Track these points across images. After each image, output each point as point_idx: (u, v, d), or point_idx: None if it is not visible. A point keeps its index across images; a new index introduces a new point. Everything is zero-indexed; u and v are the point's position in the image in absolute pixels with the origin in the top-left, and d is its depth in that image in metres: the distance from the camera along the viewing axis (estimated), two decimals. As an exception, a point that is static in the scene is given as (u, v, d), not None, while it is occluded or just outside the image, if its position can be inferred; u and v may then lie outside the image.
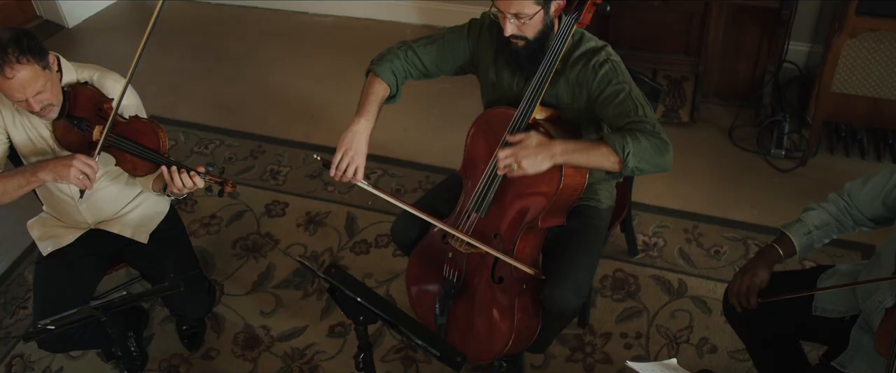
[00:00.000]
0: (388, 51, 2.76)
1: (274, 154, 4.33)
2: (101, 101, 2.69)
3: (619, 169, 2.40)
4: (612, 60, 2.50)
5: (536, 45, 2.49)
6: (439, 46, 2.74)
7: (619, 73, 2.48)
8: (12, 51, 2.44)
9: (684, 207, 3.76)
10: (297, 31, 5.44)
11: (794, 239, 2.41)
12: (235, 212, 3.97)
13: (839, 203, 2.42)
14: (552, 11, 2.45)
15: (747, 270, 2.42)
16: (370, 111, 2.64)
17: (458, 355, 2.13)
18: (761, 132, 4.07)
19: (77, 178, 2.64)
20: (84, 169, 2.64)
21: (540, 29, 2.46)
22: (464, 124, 2.81)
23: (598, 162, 2.40)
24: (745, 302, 2.40)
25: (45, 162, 2.69)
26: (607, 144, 2.38)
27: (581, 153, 2.40)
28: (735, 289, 2.42)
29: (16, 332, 3.54)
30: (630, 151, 2.35)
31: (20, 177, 2.70)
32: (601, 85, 2.47)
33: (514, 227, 2.59)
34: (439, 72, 2.79)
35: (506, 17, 2.43)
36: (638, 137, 2.37)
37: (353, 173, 2.58)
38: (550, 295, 2.58)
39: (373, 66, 2.74)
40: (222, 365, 3.30)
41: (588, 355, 3.17)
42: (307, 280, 3.59)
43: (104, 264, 3.08)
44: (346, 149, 2.57)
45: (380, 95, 2.70)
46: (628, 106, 2.44)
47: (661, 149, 2.39)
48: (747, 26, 4.00)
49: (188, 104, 4.81)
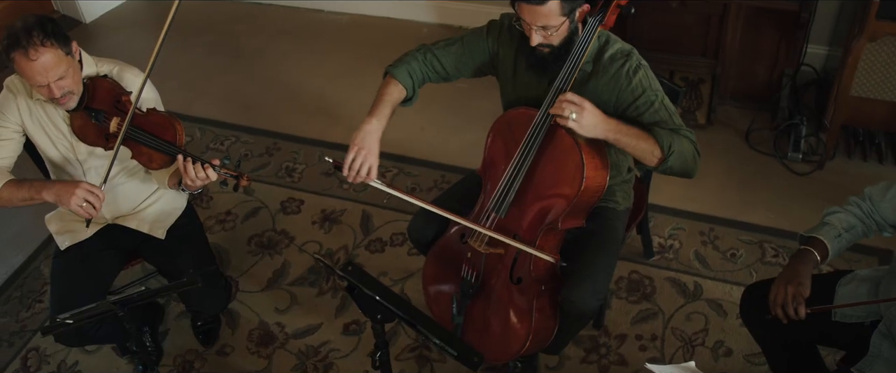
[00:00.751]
0: (406, 54, 2.77)
1: (289, 151, 4.34)
2: (120, 93, 2.70)
3: (656, 164, 2.45)
4: (643, 66, 2.51)
5: (562, 50, 2.49)
6: (459, 48, 2.74)
7: (651, 80, 2.51)
8: (37, 34, 2.48)
9: (700, 209, 3.75)
10: (313, 28, 5.44)
11: (827, 243, 2.36)
12: (251, 209, 3.98)
13: (863, 206, 2.40)
14: (577, 17, 2.45)
15: (790, 280, 2.31)
16: (382, 112, 2.65)
17: (475, 355, 2.13)
18: (778, 135, 4.05)
19: (79, 205, 2.66)
20: (88, 197, 2.66)
21: (565, 35, 2.46)
22: (480, 124, 2.81)
23: (641, 150, 2.44)
24: (793, 313, 2.28)
25: (52, 183, 2.72)
26: (655, 138, 2.42)
27: (630, 137, 2.43)
28: (780, 299, 2.30)
29: (32, 325, 3.56)
30: (674, 151, 2.41)
31: (26, 190, 2.72)
32: (635, 92, 2.48)
33: (533, 228, 2.59)
34: (458, 74, 2.79)
35: (532, 28, 2.42)
36: (682, 140, 2.43)
37: (367, 172, 2.57)
38: (568, 297, 2.58)
39: (390, 68, 2.74)
40: (237, 361, 3.31)
41: (603, 356, 3.17)
42: (322, 278, 3.59)
43: (121, 259, 3.09)
44: (359, 148, 2.58)
45: (394, 96, 2.70)
46: (663, 115, 2.47)
47: (695, 157, 2.47)
48: (765, 29, 3.99)
49: (204, 101, 4.82)
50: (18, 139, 2.84)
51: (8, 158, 2.83)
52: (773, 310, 2.32)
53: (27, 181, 2.75)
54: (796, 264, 2.35)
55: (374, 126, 2.60)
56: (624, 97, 2.51)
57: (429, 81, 2.78)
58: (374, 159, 2.58)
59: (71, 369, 3.35)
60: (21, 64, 2.49)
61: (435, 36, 5.10)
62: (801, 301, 2.27)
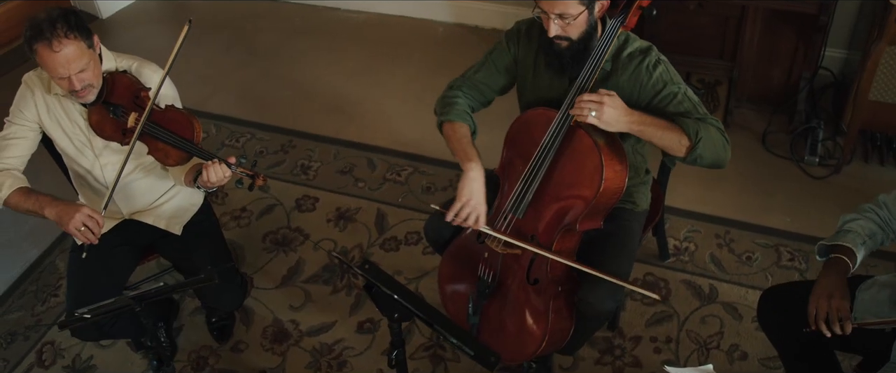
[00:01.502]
0: (445, 96, 2.78)
1: (305, 149, 4.34)
2: (139, 89, 2.71)
3: (684, 154, 2.43)
4: (663, 61, 2.52)
5: (580, 46, 2.48)
6: (487, 70, 2.77)
7: (672, 73, 2.51)
8: (61, 26, 2.49)
9: (716, 211, 3.73)
10: (329, 26, 5.45)
11: (856, 249, 2.31)
12: (266, 206, 3.99)
13: (880, 214, 2.39)
14: (596, 12, 2.44)
15: (831, 293, 2.24)
16: (473, 154, 2.65)
17: (492, 356, 2.13)
18: (795, 139, 4.04)
19: (77, 228, 2.68)
20: (87, 222, 2.68)
21: (584, 29, 2.45)
22: (496, 125, 2.80)
23: (668, 141, 2.43)
24: (838, 329, 2.21)
25: (57, 202, 2.73)
26: (681, 128, 2.42)
27: (655, 128, 2.43)
28: (823, 314, 2.24)
29: (47, 319, 3.57)
30: (702, 138, 2.39)
31: (32, 203, 2.75)
32: (657, 86, 2.48)
33: (551, 229, 2.58)
34: (492, 94, 2.81)
35: (550, 17, 2.42)
36: (709, 128, 2.42)
37: (475, 221, 2.58)
38: (585, 298, 2.57)
39: (444, 117, 2.74)
40: (251, 358, 3.31)
41: (617, 358, 3.16)
42: (336, 276, 3.59)
43: (137, 255, 3.10)
44: (467, 199, 2.58)
45: (468, 136, 2.71)
46: (687, 106, 2.47)
47: (725, 144, 2.45)
48: (783, 31, 3.97)
49: (220, 97, 4.83)
50: (33, 137, 2.86)
51: (20, 157, 2.85)
52: (815, 324, 2.26)
53: (35, 194, 2.78)
54: (832, 276, 2.29)
55: (476, 172, 2.60)
56: (646, 92, 2.51)
57: (475, 110, 2.80)
58: (482, 209, 2.58)
59: (85, 364, 3.36)
60: (43, 55, 2.50)
61: (451, 35, 5.15)
62: (846, 315, 2.22)
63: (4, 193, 2.76)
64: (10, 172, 2.80)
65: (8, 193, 2.76)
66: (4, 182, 2.77)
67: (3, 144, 2.83)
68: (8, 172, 2.80)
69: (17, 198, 2.77)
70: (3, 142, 2.84)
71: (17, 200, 2.77)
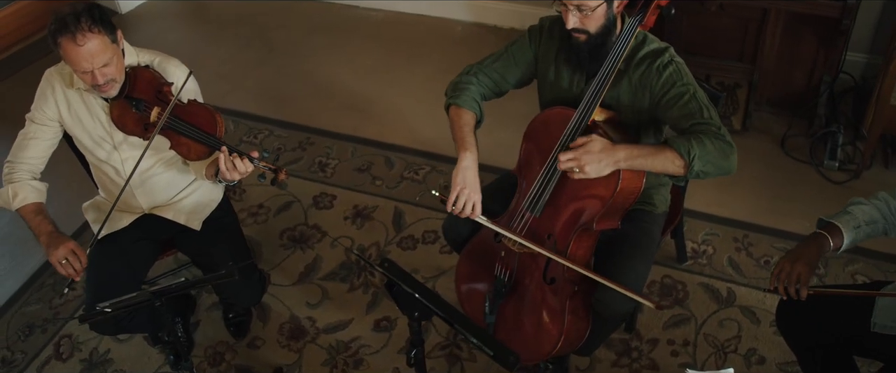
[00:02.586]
0: (459, 81, 2.76)
1: (323, 146, 4.35)
2: (162, 83, 2.72)
3: (684, 173, 2.37)
4: (676, 62, 2.48)
5: (598, 41, 2.47)
6: (505, 61, 2.75)
7: (683, 74, 2.47)
8: (85, 19, 2.51)
9: (734, 215, 3.72)
10: (347, 24, 5.45)
11: (845, 231, 2.31)
12: (283, 202, 3.99)
13: (891, 203, 2.35)
14: (615, 7, 2.44)
15: (797, 258, 2.28)
16: (470, 142, 2.65)
17: (511, 356, 2.13)
18: (815, 143, 4.02)
19: (58, 261, 2.72)
20: (68, 256, 2.72)
21: (602, 23, 2.44)
22: (512, 124, 2.79)
23: (662, 166, 2.38)
24: (793, 292, 2.26)
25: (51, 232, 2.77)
26: (672, 148, 2.36)
27: (645, 158, 2.38)
28: (783, 275, 2.27)
29: (64, 312, 3.59)
30: (696, 155, 2.33)
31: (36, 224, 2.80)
32: (665, 86, 2.46)
33: (568, 228, 2.57)
34: (507, 85, 2.80)
35: (568, 8, 2.42)
36: (703, 140, 2.35)
37: (472, 209, 2.58)
38: (602, 298, 2.57)
39: (452, 100, 2.74)
40: (267, 354, 3.32)
41: (634, 360, 3.15)
42: (353, 273, 3.60)
43: (156, 250, 3.11)
44: (462, 187, 2.58)
45: (471, 124, 2.70)
46: (693, 107, 2.42)
47: (725, 152, 2.37)
48: (805, 35, 3.95)
49: (238, 94, 4.84)
50: (53, 136, 2.88)
51: (39, 158, 2.88)
52: (773, 283, 2.30)
53: (40, 216, 2.81)
54: (808, 245, 2.32)
55: (469, 161, 2.60)
56: (655, 92, 2.50)
57: (485, 100, 2.79)
58: (477, 196, 2.59)
59: (103, 357, 3.38)
60: (68, 49, 2.51)
61: (469, 35, 5.15)
62: (804, 282, 2.25)
63: (17, 204, 2.81)
64: (28, 184, 2.84)
65: (21, 204, 2.81)
66: (19, 193, 2.81)
67: (24, 144, 2.85)
68: (26, 183, 2.83)
69: (27, 212, 2.82)
70: (23, 141, 2.86)
71: (26, 213, 2.82)
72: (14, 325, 3.56)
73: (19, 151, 2.84)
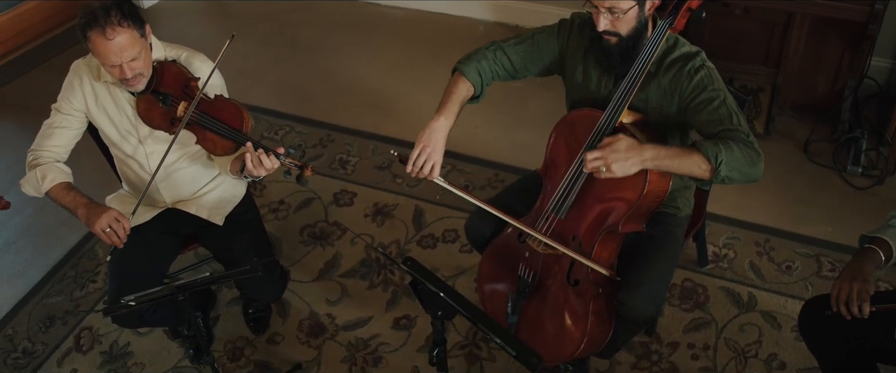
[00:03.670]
0: (476, 51, 2.75)
1: (343, 143, 4.35)
2: (188, 78, 2.73)
3: (710, 177, 2.35)
4: (707, 66, 2.47)
5: (629, 43, 2.46)
6: (529, 46, 2.73)
7: (714, 79, 2.45)
8: (115, 14, 2.52)
9: (756, 219, 3.70)
10: (370, 22, 5.46)
11: (893, 243, 2.30)
12: (304, 199, 4.00)
13: None
14: (647, 9, 2.43)
15: (855, 276, 2.26)
16: (450, 110, 2.64)
17: (534, 357, 2.12)
18: (838, 148, 3.99)
19: (102, 230, 2.72)
20: (112, 224, 2.72)
21: (633, 26, 2.43)
22: (534, 124, 2.79)
23: (688, 169, 2.36)
24: (856, 311, 2.23)
25: (89, 204, 2.77)
26: (700, 152, 2.33)
27: (672, 159, 2.36)
28: (844, 295, 2.25)
29: (85, 305, 3.60)
30: (723, 160, 2.31)
31: (70, 200, 2.79)
32: (696, 91, 2.44)
33: (593, 230, 2.57)
34: (526, 72, 2.77)
35: (599, 11, 2.41)
36: (730, 146, 2.33)
37: (430, 170, 2.57)
38: (626, 301, 2.56)
39: (459, 65, 2.73)
40: (286, 351, 3.33)
41: (654, 363, 3.14)
42: (373, 271, 3.60)
43: (179, 244, 3.12)
44: (425, 145, 2.57)
45: (462, 94, 2.69)
46: (722, 113, 2.41)
47: (753, 159, 2.35)
48: (830, 39, 3.93)
49: (260, 89, 4.86)
50: (79, 126, 2.88)
51: (63, 146, 2.88)
52: (836, 306, 2.28)
53: (73, 191, 2.81)
54: (860, 261, 2.31)
55: (442, 124, 2.60)
56: (685, 96, 2.48)
57: (497, 79, 2.77)
58: (438, 157, 2.57)
59: (123, 350, 3.39)
60: (97, 43, 2.52)
61: (491, 34, 5.14)
62: (865, 298, 2.22)
63: (47, 186, 2.80)
64: (55, 165, 2.83)
65: (50, 186, 2.80)
66: (48, 174, 2.80)
67: (49, 133, 2.86)
68: (53, 164, 2.83)
69: (58, 192, 2.81)
70: (48, 130, 2.87)
71: (57, 193, 2.81)
72: (35, 316, 3.58)
73: (43, 139, 2.85)
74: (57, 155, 2.85)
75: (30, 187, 2.83)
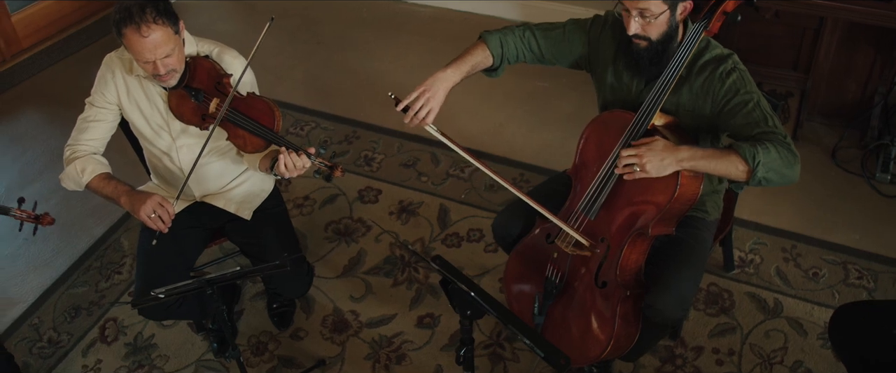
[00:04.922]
0: (507, 27, 2.75)
1: (368, 140, 4.35)
2: (221, 75, 2.73)
3: (746, 178, 2.34)
4: (739, 69, 2.45)
5: (659, 47, 2.45)
6: (559, 36, 2.73)
7: (747, 82, 2.43)
8: (150, 11, 2.53)
9: (782, 225, 3.67)
10: (396, 19, 5.46)
11: None
12: (329, 195, 4.00)
13: None
14: (679, 14, 2.41)
15: None
16: (460, 67, 2.66)
17: (562, 358, 2.11)
18: (866, 155, 3.96)
19: (148, 215, 2.73)
20: (157, 209, 2.74)
21: (664, 31, 2.42)
22: (559, 124, 2.76)
23: (725, 170, 2.35)
24: None
25: (132, 192, 2.79)
26: (737, 153, 2.33)
27: (708, 160, 2.35)
28: None
29: (110, 296, 3.62)
30: (760, 161, 2.30)
31: (111, 189, 2.82)
32: (729, 94, 2.43)
33: (623, 232, 2.56)
34: (555, 61, 2.77)
35: (630, 14, 2.40)
36: (768, 148, 2.32)
37: (425, 115, 2.57)
38: (653, 304, 2.55)
39: (484, 33, 2.74)
40: (310, 346, 3.33)
41: (678, 367, 3.12)
42: (398, 268, 3.60)
43: (206, 237, 3.13)
44: (425, 89, 2.59)
45: (477, 58, 2.70)
46: (757, 116, 2.39)
47: (790, 160, 2.34)
48: (861, 45, 3.90)
49: (286, 85, 4.87)
50: (113, 119, 2.90)
51: (99, 139, 2.90)
52: None
53: (114, 181, 2.84)
54: None
55: (448, 75, 2.61)
56: (718, 99, 2.47)
57: (523, 60, 2.76)
58: (435, 104, 2.59)
59: (147, 342, 3.41)
60: (132, 39, 2.53)
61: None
62: None
63: (86, 178, 2.81)
64: (93, 157, 2.85)
65: (90, 177, 2.81)
66: (87, 167, 2.82)
67: (84, 127, 2.88)
68: (90, 157, 2.85)
69: (98, 183, 2.83)
70: (83, 124, 2.88)
71: (97, 184, 2.83)
72: (61, 306, 3.60)
73: (80, 133, 2.87)
74: (93, 148, 2.87)
75: (70, 181, 2.85)
